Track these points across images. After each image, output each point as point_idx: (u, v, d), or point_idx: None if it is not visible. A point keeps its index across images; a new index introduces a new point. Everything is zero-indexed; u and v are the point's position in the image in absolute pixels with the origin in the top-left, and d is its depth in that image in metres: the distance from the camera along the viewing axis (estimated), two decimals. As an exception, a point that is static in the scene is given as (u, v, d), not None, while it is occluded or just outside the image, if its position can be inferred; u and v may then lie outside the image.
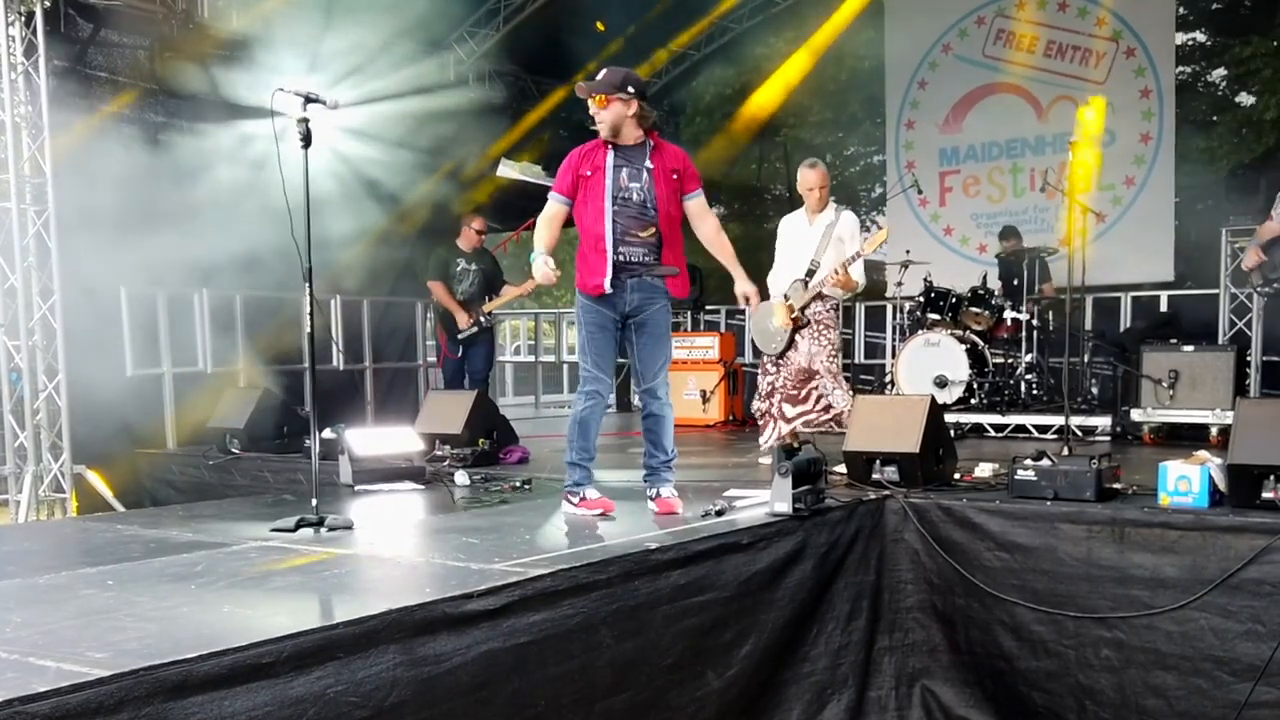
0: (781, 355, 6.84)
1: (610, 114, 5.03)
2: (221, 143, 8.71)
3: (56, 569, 4.08)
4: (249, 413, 7.99)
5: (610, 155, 5.07)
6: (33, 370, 7.93)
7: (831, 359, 6.75)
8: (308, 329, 4.90)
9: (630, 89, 5.02)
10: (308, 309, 4.94)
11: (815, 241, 6.71)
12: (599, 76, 5.09)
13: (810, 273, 6.66)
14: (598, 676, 3.80)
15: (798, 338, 6.76)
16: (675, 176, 5.10)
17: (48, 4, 7.90)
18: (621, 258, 5.05)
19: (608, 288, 5.03)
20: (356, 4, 9.58)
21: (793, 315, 6.70)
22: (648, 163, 5.07)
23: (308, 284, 4.86)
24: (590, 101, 5.07)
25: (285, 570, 4.05)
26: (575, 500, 5.21)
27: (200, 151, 8.73)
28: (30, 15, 7.85)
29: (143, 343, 8.71)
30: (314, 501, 4.91)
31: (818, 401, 6.78)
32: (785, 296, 6.77)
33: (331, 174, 9.29)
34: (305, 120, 4.82)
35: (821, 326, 6.74)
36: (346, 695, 2.98)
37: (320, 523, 4.80)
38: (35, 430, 7.93)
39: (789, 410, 6.86)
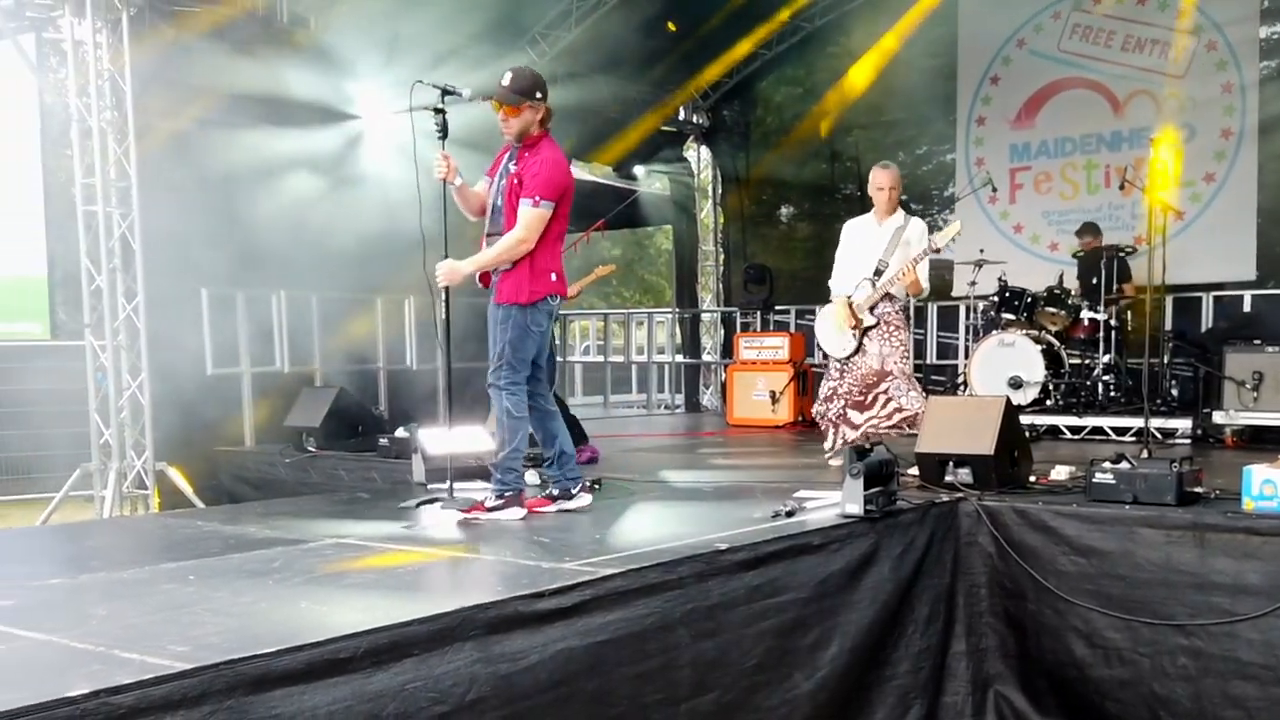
0: (848, 359, 6.71)
1: (520, 122, 4.99)
2: (300, 145, 8.86)
3: (139, 564, 4.19)
4: (324, 412, 8.12)
5: (505, 158, 5.14)
6: (117, 369, 8.14)
7: (904, 359, 6.64)
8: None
9: (538, 94, 4.96)
10: (442, 306, 5.39)
11: (884, 243, 6.61)
12: (506, 81, 4.96)
13: (878, 272, 6.57)
14: (680, 676, 3.80)
15: (866, 340, 6.63)
16: (517, 183, 4.98)
17: (133, 11, 8.10)
18: None
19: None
20: (431, 7, 9.68)
21: (857, 315, 6.60)
22: (511, 166, 5.06)
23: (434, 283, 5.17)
24: (500, 108, 4.98)
25: (360, 568, 4.11)
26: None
27: (279, 154, 8.89)
28: (116, 22, 8.06)
29: (222, 342, 8.88)
30: (448, 484, 5.45)
31: (884, 405, 6.61)
32: (849, 296, 6.66)
33: (408, 177, 9.40)
34: (442, 111, 4.92)
35: (891, 327, 6.62)
36: (425, 691, 3.01)
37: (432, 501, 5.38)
38: (119, 428, 8.15)
39: (855, 416, 6.72)
